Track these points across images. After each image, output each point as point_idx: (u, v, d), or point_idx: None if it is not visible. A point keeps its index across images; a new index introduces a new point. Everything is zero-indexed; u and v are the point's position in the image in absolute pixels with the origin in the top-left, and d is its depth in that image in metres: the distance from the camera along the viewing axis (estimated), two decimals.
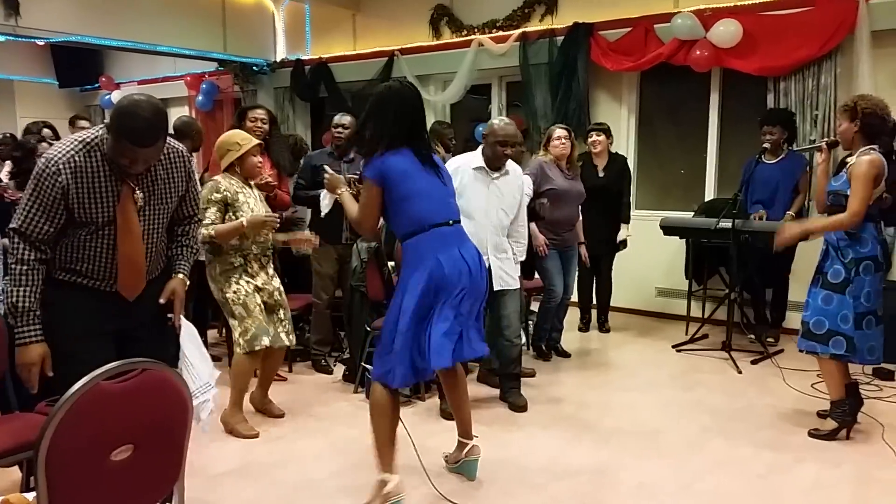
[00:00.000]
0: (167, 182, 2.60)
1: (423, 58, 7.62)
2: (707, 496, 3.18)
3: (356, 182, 3.36)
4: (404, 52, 7.71)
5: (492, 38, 7.14)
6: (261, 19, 8.81)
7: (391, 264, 4.57)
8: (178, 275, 2.73)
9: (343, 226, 4.83)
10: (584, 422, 4.07)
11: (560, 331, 5.37)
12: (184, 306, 2.76)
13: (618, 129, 6.34)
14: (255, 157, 3.93)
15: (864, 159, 3.54)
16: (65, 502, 1.83)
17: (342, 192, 3.23)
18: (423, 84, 7.66)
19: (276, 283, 4.04)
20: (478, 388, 4.53)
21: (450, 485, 3.21)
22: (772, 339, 5.54)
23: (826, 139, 4.19)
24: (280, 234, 4.17)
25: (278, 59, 8.85)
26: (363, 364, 4.40)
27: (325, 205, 4.55)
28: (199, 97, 9.43)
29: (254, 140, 3.97)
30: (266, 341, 3.82)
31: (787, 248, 5.37)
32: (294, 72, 8.55)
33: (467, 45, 7.26)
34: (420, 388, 4.37)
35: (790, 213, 5.33)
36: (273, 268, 4.08)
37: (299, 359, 5.16)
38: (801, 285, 3.92)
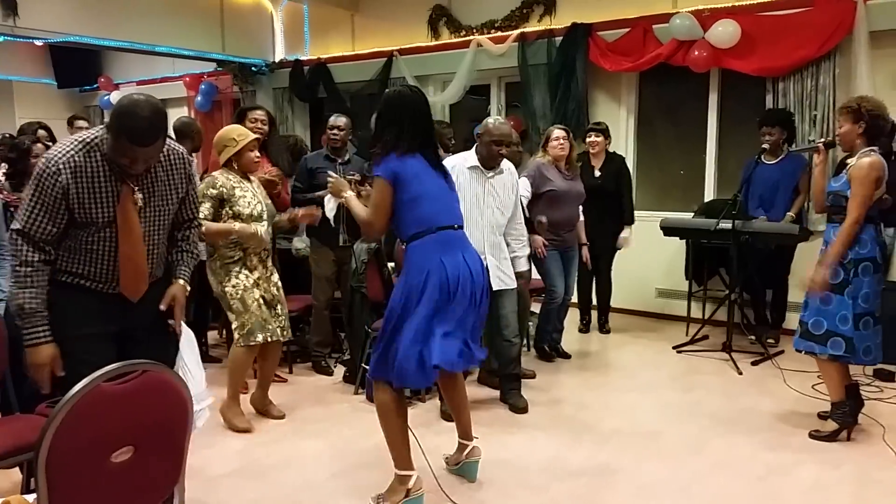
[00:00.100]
0: (167, 184, 2.59)
1: (422, 58, 7.62)
2: (707, 497, 3.18)
3: (357, 182, 3.36)
4: (403, 52, 7.71)
5: (490, 39, 7.14)
6: (259, 20, 8.81)
7: (391, 265, 4.57)
8: (178, 280, 2.73)
9: (340, 228, 4.83)
10: (584, 423, 4.07)
11: (560, 331, 5.36)
12: (184, 311, 2.76)
13: (617, 129, 6.35)
14: (251, 152, 3.95)
15: (864, 161, 3.54)
16: None
17: (347, 195, 3.23)
18: (422, 84, 7.65)
19: (275, 279, 4.07)
20: (478, 390, 4.53)
21: (450, 486, 3.21)
22: (772, 340, 5.54)
23: (823, 139, 4.19)
24: (282, 216, 4.27)
25: (277, 60, 8.84)
26: (363, 365, 4.40)
27: (329, 209, 4.55)
28: (198, 98, 9.42)
29: (250, 135, 3.99)
30: (261, 337, 3.90)
31: (788, 248, 5.44)
32: (293, 72, 8.55)
33: (466, 45, 7.26)
34: (420, 390, 4.37)
35: (790, 214, 5.34)
36: (272, 263, 4.10)
37: (300, 360, 5.16)
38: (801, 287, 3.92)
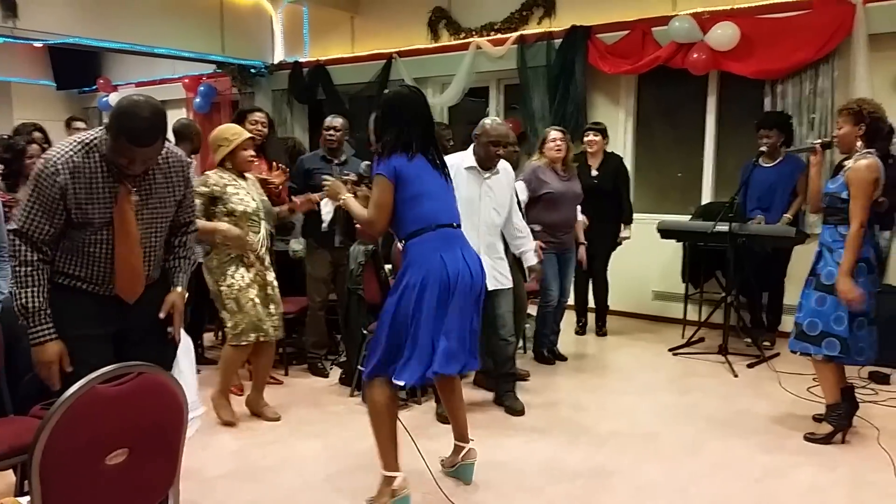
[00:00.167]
0: (164, 186, 2.60)
1: (422, 60, 7.62)
2: (703, 499, 3.18)
3: (353, 183, 3.35)
4: (402, 54, 7.71)
5: (490, 41, 7.15)
6: (259, 21, 8.81)
7: (388, 267, 4.57)
8: (176, 288, 2.72)
9: (336, 229, 4.82)
10: (580, 425, 4.07)
11: (557, 333, 5.37)
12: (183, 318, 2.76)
13: (615, 131, 6.36)
14: (245, 151, 3.96)
15: (862, 164, 3.55)
16: None
17: (345, 197, 3.21)
18: (422, 86, 7.59)
19: (270, 277, 4.08)
20: (474, 392, 4.53)
21: (447, 488, 3.20)
22: (768, 343, 5.54)
23: (820, 140, 4.19)
24: (282, 207, 4.31)
25: (276, 62, 8.84)
26: (360, 367, 4.39)
27: (325, 212, 4.54)
28: (197, 99, 9.41)
29: (244, 134, 4.00)
30: (253, 337, 3.95)
31: (785, 251, 5.44)
32: (292, 74, 8.55)
33: (465, 47, 7.27)
34: (416, 392, 4.37)
35: (787, 217, 5.35)
36: (270, 260, 4.12)
37: (295, 362, 5.16)
38: (797, 289, 3.92)
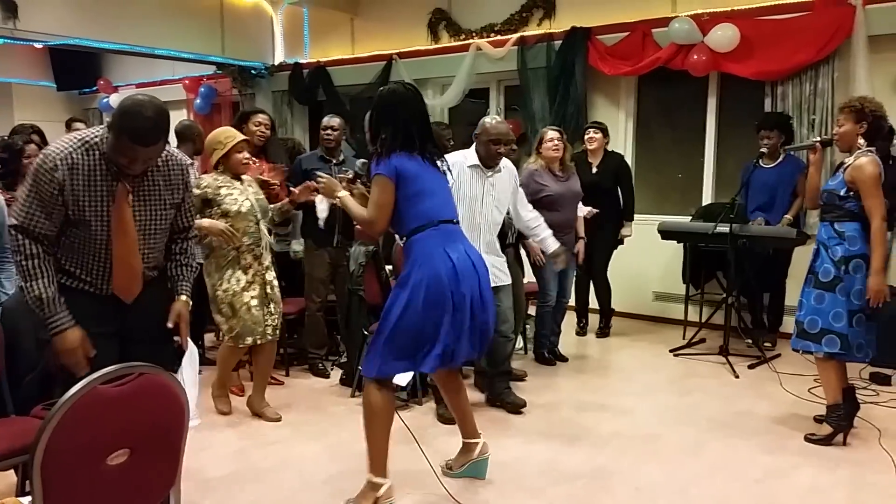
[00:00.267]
0: (164, 189, 2.59)
1: (422, 62, 7.63)
2: (704, 500, 3.18)
3: (349, 180, 3.33)
4: (403, 55, 7.72)
5: (490, 43, 7.15)
6: (259, 23, 8.81)
7: (389, 268, 4.56)
8: (181, 296, 2.71)
9: (335, 229, 4.82)
10: (581, 426, 4.07)
11: (558, 335, 5.36)
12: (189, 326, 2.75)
13: (615, 132, 6.36)
14: (239, 153, 3.96)
15: (863, 161, 3.55)
16: None
17: (341, 195, 3.18)
18: (422, 88, 7.52)
19: (270, 277, 4.08)
20: (474, 394, 4.52)
21: (449, 489, 3.19)
22: (769, 344, 5.54)
23: (820, 137, 4.19)
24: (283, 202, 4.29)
25: (276, 63, 8.85)
26: (360, 368, 4.39)
27: (321, 209, 4.53)
28: (198, 100, 9.42)
29: (238, 137, 3.99)
30: (250, 340, 3.99)
31: (785, 251, 5.44)
32: (292, 75, 8.55)
33: (465, 49, 7.28)
34: (417, 393, 4.37)
35: (787, 217, 5.35)
36: (270, 259, 4.12)
37: (296, 363, 5.16)
38: (798, 290, 3.92)
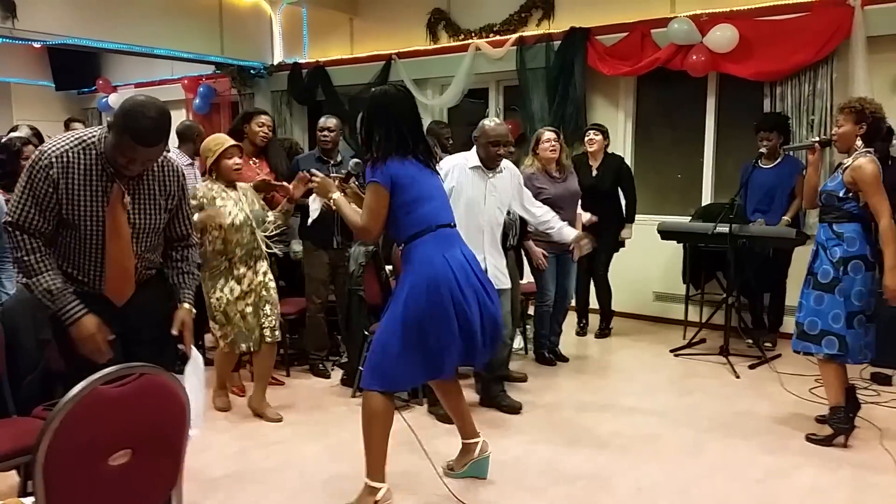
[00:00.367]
0: (159, 192, 2.58)
1: (421, 62, 7.63)
2: (705, 500, 3.19)
3: (342, 180, 3.31)
4: (402, 55, 7.72)
5: (489, 43, 7.15)
6: (258, 23, 8.81)
7: (389, 268, 4.56)
8: (183, 304, 2.70)
9: (335, 230, 4.81)
10: (581, 426, 4.07)
11: (558, 334, 5.36)
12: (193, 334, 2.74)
13: (615, 133, 6.35)
14: (229, 159, 3.93)
15: (863, 161, 3.56)
16: None
17: (335, 196, 3.14)
18: (421, 88, 7.66)
19: (266, 280, 4.07)
20: (470, 395, 4.50)
21: (449, 488, 3.20)
22: (769, 344, 5.54)
23: (819, 138, 4.19)
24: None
25: (275, 63, 8.84)
26: (361, 368, 4.38)
27: (313, 209, 4.52)
28: (197, 100, 9.41)
29: (226, 143, 3.97)
30: (244, 346, 4.02)
31: (785, 252, 5.44)
32: (291, 75, 8.55)
33: (464, 49, 7.27)
34: (419, 393, 4.37)
35: (786, 218, 5.35)
36: (267, 265, 4.10)
37: (297, 363, 5.15)
38: (798, 290, 3.92)
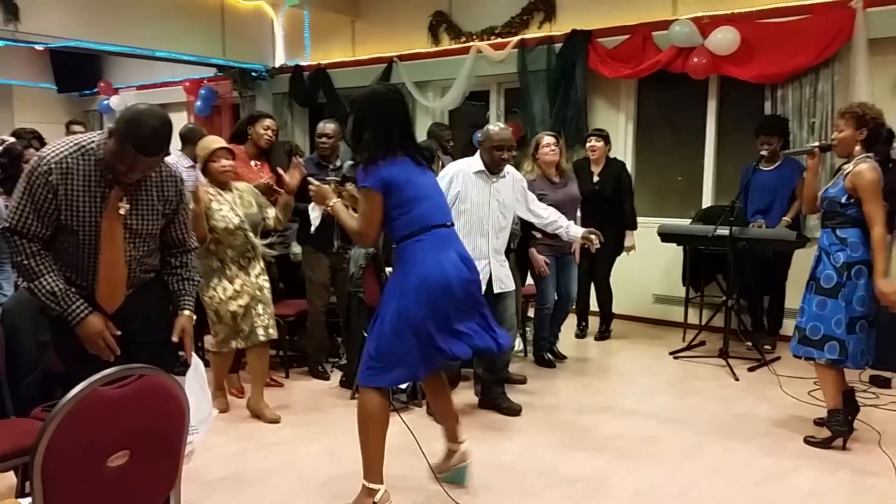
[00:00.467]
0: (156, 199, 2.58)
1: (422, 64, 7.65)
2: (704, 503, 3.18)
3: (338, 183, 3.31)
4: (403, 58, 7.73)
5: (490, 45, 7.16)
6: (260, 25, 8.83)
7: (389, 270, 4.56)
8: (183, 311, 2.69)
9: (335, 234, 4.81)
10: (580, 428, 4.07)
11: (557, 335, 5.37)
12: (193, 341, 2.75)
13: (616, 135, 6.36)
14: (215, 163, 3.95)
15: (864, 167, 3.55)
16: None
17: (333, 203, 3.13)
18: (422, 90, 7.68)
19: (260, 280, 4.08)
20: (470, 396, 4.51)
21: (447, 491, 3.19)
22: (769, 347, 5.54)
23: (819, 142, 4.19)
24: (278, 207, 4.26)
25: (277, 65, 8.87)
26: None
27: (314, 217, 4.53)
28: (198, 103, 9.44)
29: (213, 145, 3.99)
30: (234, 344, 4.05)
31: (785, 254, 5.44)
32: (293, 78, 8.57)
33: (466, 51, 7.29)
34: (417, 395, 4.37)
35: (786, 220, 5.35)
36: (261, 267, 4.12)
37: (296, 365, 5.15)
38: (798, 292, 3.92)
